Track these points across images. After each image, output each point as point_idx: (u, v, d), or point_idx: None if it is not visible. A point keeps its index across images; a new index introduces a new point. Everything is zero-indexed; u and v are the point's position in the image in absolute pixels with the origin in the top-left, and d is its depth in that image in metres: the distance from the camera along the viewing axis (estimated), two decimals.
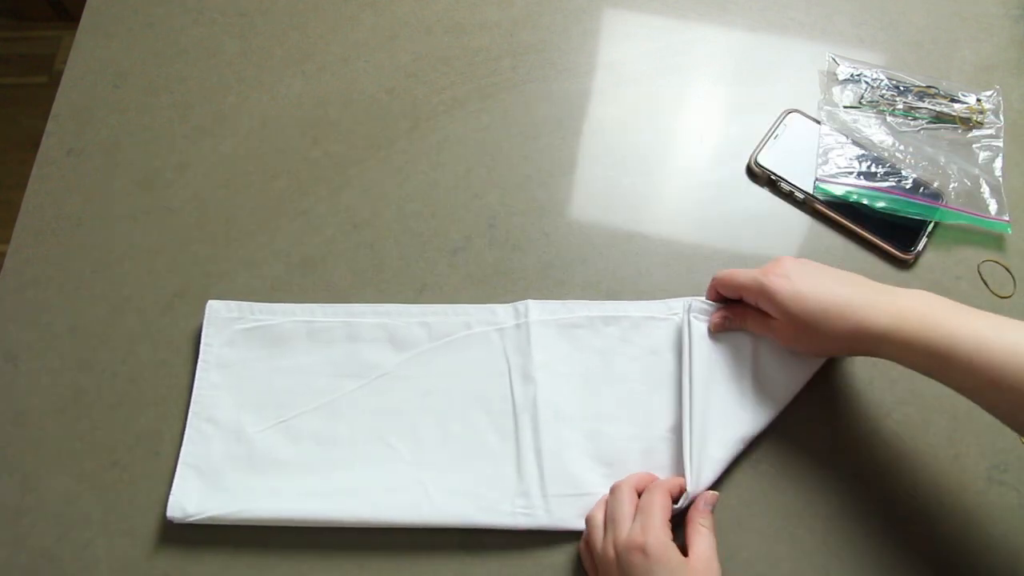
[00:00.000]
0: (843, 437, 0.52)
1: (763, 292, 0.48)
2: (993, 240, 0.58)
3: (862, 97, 0.63)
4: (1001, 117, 0.62)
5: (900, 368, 0.53)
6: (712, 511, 0.47)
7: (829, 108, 0.63)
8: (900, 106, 0.63)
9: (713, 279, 0.53)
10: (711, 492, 0.48)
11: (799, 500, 0.50)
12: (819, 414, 0.53)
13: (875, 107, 0.63)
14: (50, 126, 0.64)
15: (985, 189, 0.59)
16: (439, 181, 0.62)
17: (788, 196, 0.60)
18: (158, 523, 0.50)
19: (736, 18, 0.69)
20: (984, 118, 0.62)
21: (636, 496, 0.47)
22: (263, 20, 0.69)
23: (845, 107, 0.63)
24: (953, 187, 0.59)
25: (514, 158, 0.63)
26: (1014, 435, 0.52)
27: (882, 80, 0.64)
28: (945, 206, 0.58)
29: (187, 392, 0.54)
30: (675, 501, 0.47)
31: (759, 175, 0.61)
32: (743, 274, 0.50)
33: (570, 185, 0.62)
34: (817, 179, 0.60)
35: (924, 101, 0.63)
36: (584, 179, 0.62)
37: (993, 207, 0.58)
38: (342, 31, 0.68)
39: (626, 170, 0.62)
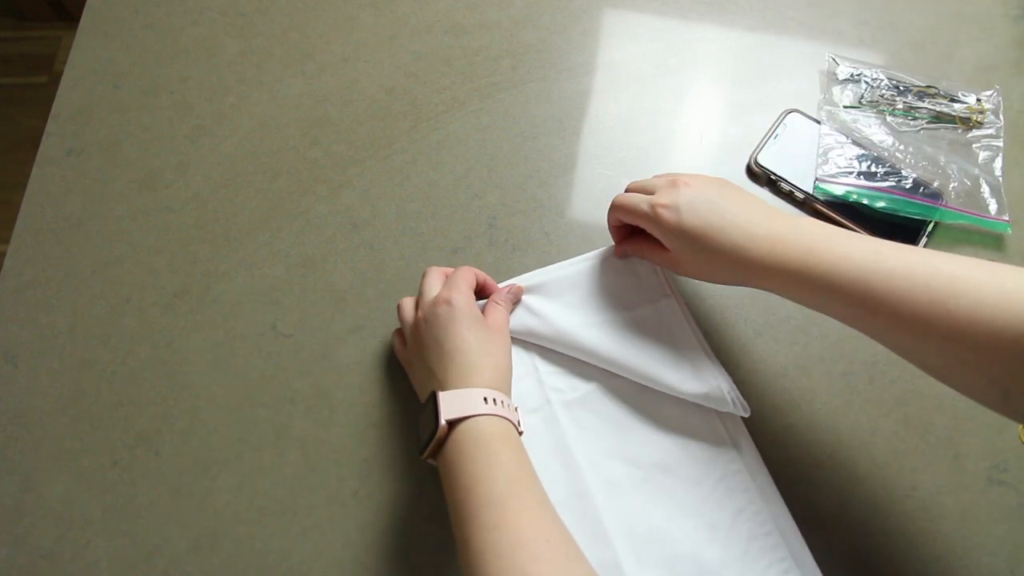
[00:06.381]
0: (843, 437, 0.52)
1: (654, 224, 0.48)
2: (993, 240, 0.58)
3: (862, 97, 0.63)
4: (1001, 117, 0.62)
5: (900, 368, 0.53)
6: (513, 301, 0.53)
7: (829, 108, 0.63)
8: (900, 106, 0.63)
9: (612, 203, 0.52)
10: (518, 286, 0.54)
11: (799, 500, 0.50)
12: (819, 414, 0.53)
13: (875, 107, 0.63)
14: (50, 126, 0.64)
15: (985, 189, 0.59)
16: (439, 181, 0.62)
17: (788, 196, 0.60)
18: (158, 522, 0.50)
19: (736, 18, 0.69)
20: (984, 118, 0.62)
21: (444, 278, 0.51)
22: (263, 20, 0.69)
23: (845, 107, 0.63)
24: (953, 187, 0.59)
25: (514, 158, 0.63)
26: (1014, 435, 0.52)
27: (882, 80, 0.64)
28: (945, 206, 0.58)
29: (187, 391, 0.54)
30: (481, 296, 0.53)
31: (759, 175, 0.61)
32: (637, 202, 0.50)
33: (570, 185, 0.62)
34: (817, 179, 0.60)
35: (924, 101, 0.63)
36: (584, 179, 0.62)
37: (993, 207, 0.58)
38: (342, 31, 0.68)
39: (626, 170, 0.62)
